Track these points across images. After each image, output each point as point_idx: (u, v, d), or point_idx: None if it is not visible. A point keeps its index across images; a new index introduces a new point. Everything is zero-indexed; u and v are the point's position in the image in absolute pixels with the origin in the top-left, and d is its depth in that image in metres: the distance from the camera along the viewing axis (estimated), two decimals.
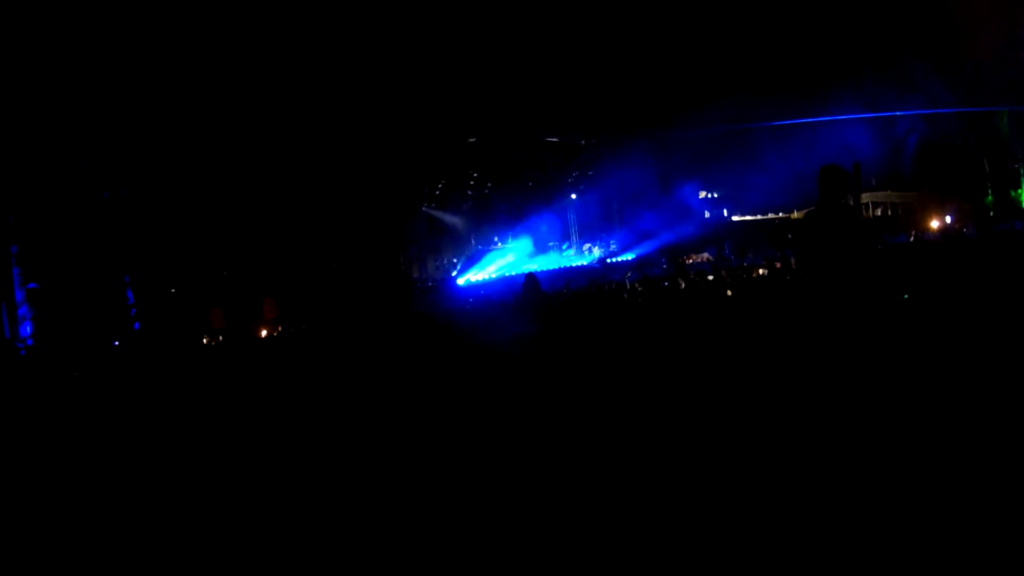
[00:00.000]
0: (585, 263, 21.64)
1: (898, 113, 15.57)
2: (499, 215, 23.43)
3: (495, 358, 6.73)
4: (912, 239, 13.96)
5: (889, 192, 18.76)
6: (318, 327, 13.77)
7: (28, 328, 13.35)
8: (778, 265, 13.12)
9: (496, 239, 23.00)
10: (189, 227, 16.25)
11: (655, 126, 18.86)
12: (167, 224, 15.80)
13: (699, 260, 19.88)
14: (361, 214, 19.00)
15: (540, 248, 22.97)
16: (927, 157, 16.88)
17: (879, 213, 19.03)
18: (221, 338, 14.28)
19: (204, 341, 14.27)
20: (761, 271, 13.73)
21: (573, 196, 23.74)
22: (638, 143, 20.98)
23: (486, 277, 20.93)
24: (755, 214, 20.85)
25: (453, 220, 23.04)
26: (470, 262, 22.17)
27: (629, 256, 21.05)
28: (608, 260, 21.28)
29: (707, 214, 22.00)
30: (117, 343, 13.29)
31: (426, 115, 18.04)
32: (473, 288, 19.30)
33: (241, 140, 16.13)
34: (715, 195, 21.82)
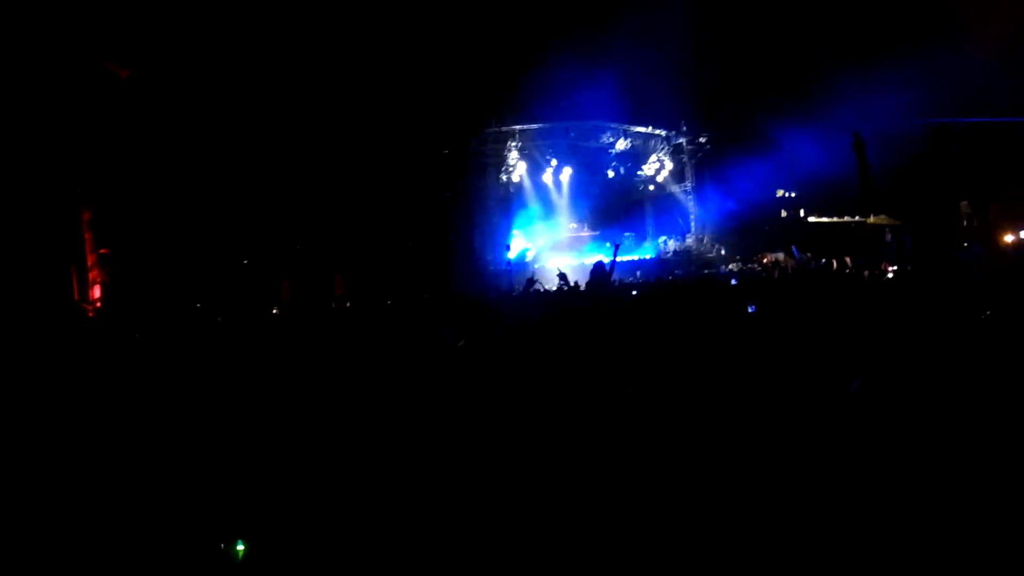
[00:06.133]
0: (652, 256, 22.25)
1: (978, 120, 15.37)
2: (577, 201, 24.05)
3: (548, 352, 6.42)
4: (983, 250, 13.95)
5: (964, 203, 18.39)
6: (374, 307, 13.43)
7: (97, 292, 13.67)
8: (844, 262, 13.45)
9: (573, 225, 23.77)
10: (264, 200, 16.73)
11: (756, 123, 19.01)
12: (242, 196, 16.26)
13: (772, 260, 20.11)
14: (436, 195, 19.56)
15: (612, 238, 23.55)
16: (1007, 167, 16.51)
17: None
18: (276, 311, 14.15)
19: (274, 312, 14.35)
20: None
21: (651, 188, 24.25)
22: (721, 138, 21.33)
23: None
24: (831, 216, 20.84)
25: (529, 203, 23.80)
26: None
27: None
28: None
29: (783, 213, 22.13)
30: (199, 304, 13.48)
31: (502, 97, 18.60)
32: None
33: (317, 119, 16.77)
34: (792, 194, 21.92)
